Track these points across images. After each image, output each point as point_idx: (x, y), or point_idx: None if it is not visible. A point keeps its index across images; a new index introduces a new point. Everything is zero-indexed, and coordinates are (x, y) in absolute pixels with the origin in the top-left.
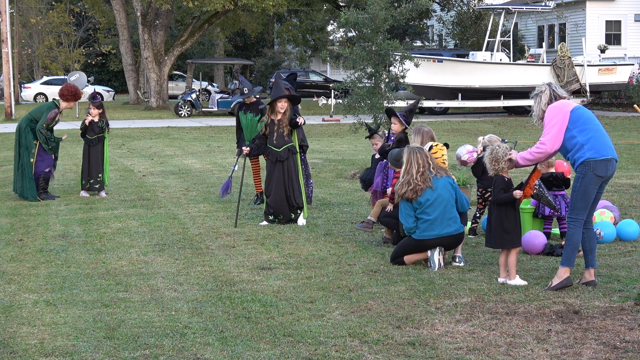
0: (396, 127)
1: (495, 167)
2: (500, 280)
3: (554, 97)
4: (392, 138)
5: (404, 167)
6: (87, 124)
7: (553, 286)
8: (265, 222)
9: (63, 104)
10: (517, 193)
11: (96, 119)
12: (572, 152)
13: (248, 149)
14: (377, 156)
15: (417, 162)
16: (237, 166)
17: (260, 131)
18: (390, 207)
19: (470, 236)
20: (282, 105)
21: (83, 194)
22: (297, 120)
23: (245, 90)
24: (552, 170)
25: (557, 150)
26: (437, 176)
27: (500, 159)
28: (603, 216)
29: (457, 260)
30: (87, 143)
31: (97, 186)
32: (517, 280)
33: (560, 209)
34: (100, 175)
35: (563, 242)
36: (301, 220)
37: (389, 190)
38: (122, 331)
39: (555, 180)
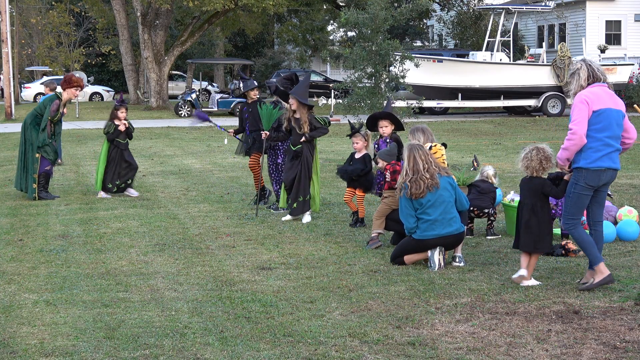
0: (387, 129)
1: (545, 167)
2: (517, 275)
3: (591, 76)
4: (388, 141)
5: (407, 165)
6: (121, 130)
7: (596, 283)
8: (288, 217)
9: (65, 95)
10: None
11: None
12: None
13: (267, 132)
14: (357, 156)
15: (420, 158)
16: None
17: (284, 127)
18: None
19: (468, 236)
20: (291, 101)
21: (103, 194)
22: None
23: (249, 84)
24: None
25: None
26: (441, 174)
27: (550, 157)
28: (631, 215)
29: (457, 260)
30: (119, 146)
31: (131, 187)
32: (532, 281)
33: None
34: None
35: (563, 242)
36: (306, 218)
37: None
38: (122, 331)
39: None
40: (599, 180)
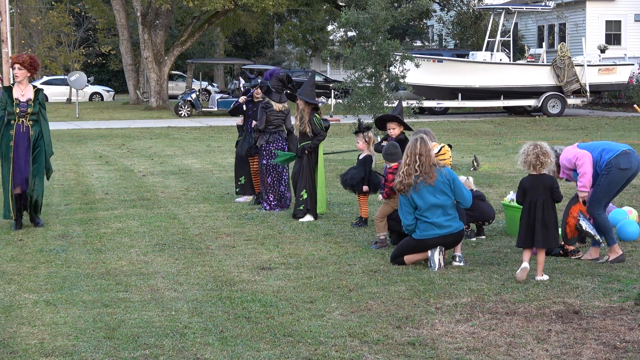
0: (395, 131)
1: (542, 162)
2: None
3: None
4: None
5: (403, 158)
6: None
7: (610, 260)
8: (308, 218)
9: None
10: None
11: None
12: (597, 166)
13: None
14: (361, 156)
15: (413, 152)
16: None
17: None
18: (380, 197)
19: (481, 237)
20: (299, 103)
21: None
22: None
23: (252, 82)
24: None
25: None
26: (437, 167)
27: (548, 153)
28: (631, 215)
29: (457, 260)
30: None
31: (237, 190)
32: (544, 276)
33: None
34: (241, 179)
35: (562, 242)
36: (307, 217)
37: (380, 197)
38: (122, 331)
39: None
40: (629, 162)
